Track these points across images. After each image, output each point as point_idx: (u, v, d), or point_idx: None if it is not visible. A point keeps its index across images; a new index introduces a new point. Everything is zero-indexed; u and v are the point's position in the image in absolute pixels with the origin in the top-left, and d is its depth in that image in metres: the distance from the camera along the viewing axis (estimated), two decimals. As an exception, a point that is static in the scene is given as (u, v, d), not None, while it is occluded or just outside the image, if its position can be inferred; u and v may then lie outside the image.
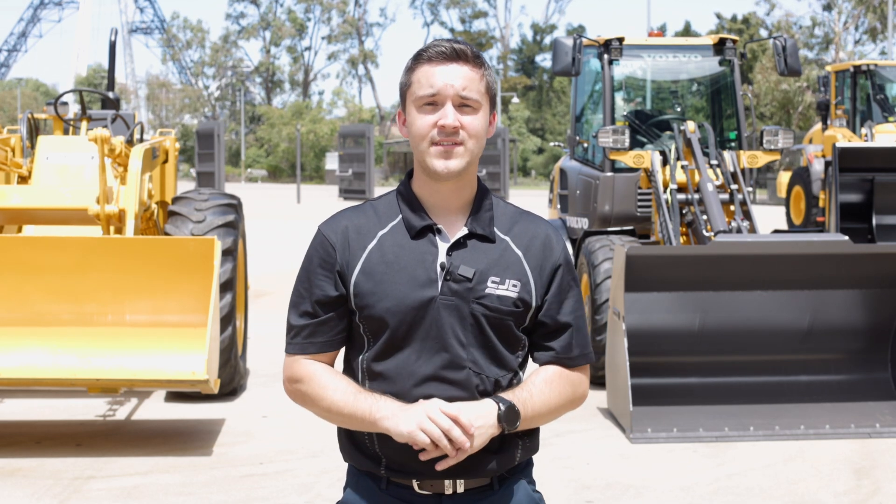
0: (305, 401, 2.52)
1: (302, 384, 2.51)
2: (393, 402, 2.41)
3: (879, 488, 6.14)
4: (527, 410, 2.44)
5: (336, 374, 2.50)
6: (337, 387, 2.46)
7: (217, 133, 31.70)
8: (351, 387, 2.46)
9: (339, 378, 2.49)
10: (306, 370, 2.50)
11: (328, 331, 2.50)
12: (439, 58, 2.44)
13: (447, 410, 2.35)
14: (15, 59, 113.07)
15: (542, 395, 2.49)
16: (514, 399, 2.43)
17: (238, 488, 6.08)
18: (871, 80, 21.08)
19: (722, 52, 10.07)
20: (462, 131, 2.42)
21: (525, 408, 2.44)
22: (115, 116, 8.66)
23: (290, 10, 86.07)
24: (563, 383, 2.53)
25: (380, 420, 2.39)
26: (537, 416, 2.49)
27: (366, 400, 2.42)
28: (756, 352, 7.55)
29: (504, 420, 2.40)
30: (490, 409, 2.40)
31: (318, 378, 2.48)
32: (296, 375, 2.52)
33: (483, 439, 2.38)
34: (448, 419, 2.34)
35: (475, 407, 2.39)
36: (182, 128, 73.91)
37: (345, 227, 2.50)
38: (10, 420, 7.64)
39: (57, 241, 7.01)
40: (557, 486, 6.07)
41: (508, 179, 42.59)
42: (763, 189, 38.42)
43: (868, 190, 11.28)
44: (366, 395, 2.43)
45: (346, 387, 2.46)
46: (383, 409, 2.39)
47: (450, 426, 2.34)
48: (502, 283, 2.45)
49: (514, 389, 2.47)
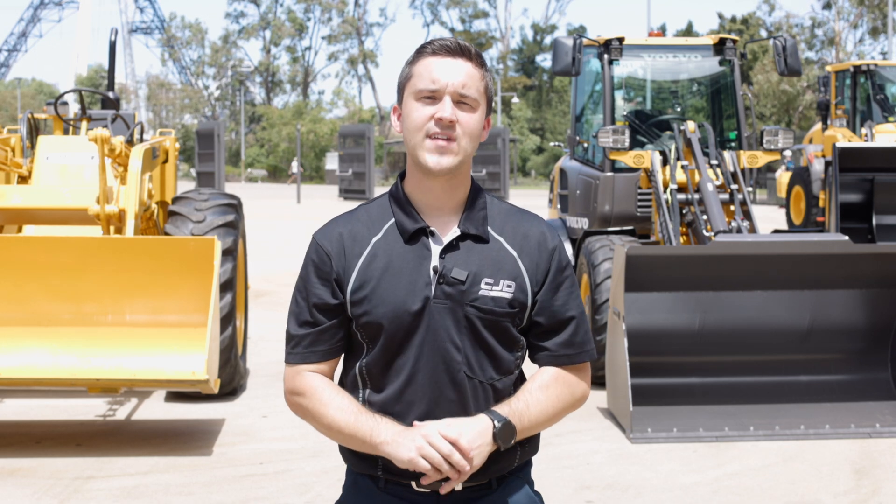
0: (306, 415, 2.52)
1: (304, 398, 2.49)
2: (393, 425, 2.40)
3: (879, 488, 6.14)
4: (523, 422, 2.44)
5: (338, 391, 2.49)
6: (340, 405, 2.44)
7: (217, 133, 31.73)
8: (352, 406, 2.44)
9: (341, 396, 2.47)
10: (308, 385, 2.48)
11: (329, 339, 2.49)
12: (443, 52, 2.44)
13: (447, 434, 2.34)
14: (15, 59, 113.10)
15: (539, 405, 2.47)
16: (511, 412, 2.42)
17: (238, 488, 6.08)
18: (871, 80, 21.08)
19: (722, 52, 10.07)
20: (458, 127, 2.41)
21: (521, 420, 2.43)
22: (115, 116, 8.66)
23: (290, 9, 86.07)
24: (560, 387, 2.51)
25: (380, 445, 2.39)
26: (535, 425, 2.48)
27: (367, 422, 2.41)
28: (756, 352, 7.55)
29: (499, 438, 2.39)
30: (486, 427, 2.39)
31: (320, 394, 2.47)
32: (297, 389, 2.51)
33: (481, 458, 2.38)
34: (448, 444, 2.34)
35: (471, 426, 2.38)
36: (182, 128, 73.91)
37: (339, 235, 2.49)
38: (10, 420, 7.64)
39: (57, 241, 7.01)
40: (557, 486, 6.07)
41: (508, 179, 42.57)
42: (763, 189, 38.42)
43: (868, 190, 11.28)
44: (367, 417, 2.42)
45: (347, 405, 2.44)
46: (384, 433, 2.38)
47: (450, 451, 2.33)
48: (496, 285, 2.44)
49: (510, 400, 2.45)
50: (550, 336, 2.51)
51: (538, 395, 2.48)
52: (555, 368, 2.52)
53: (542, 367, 2.54)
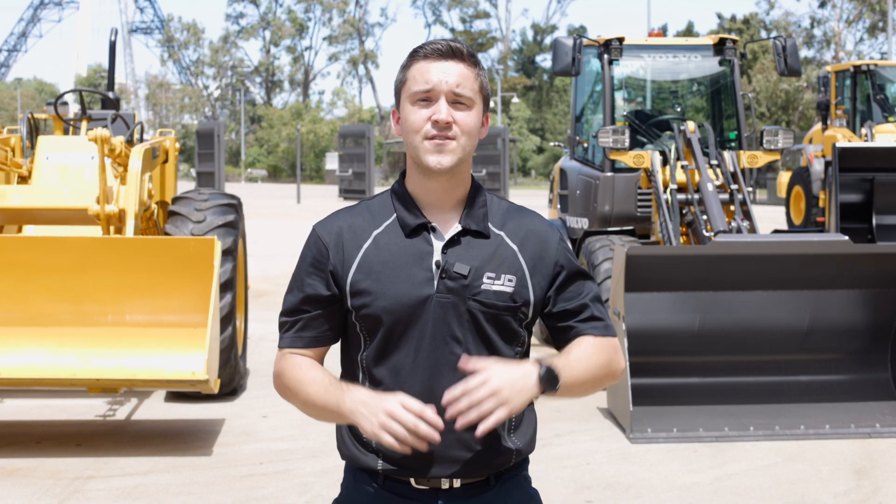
0: (287, 395, 2.53)
1: (283, 377, 2.52)
2: (360, 393, 2.37)
3: (879, 488, 6.14)
4: (565, 377, 2.40)
5: (314, 365, 2.50)
6: (313, 378, 2.46)
7: (217, 133, 31.73)
8: (325, 378, 2.45)
9: (316, 369, 2.48)
10: (288, 363, 2.51)
11: (317, 326, 2.51)
12: (435, 55, 2.46)
13: (410, 406, 2.31)
14: (15, 59, 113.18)
15: (581, 362, 2.45)
16: (553, 364, 2.39)
17: (238, 488, 6.08)
18: (871, 80, 21.08)
19: (722, 52, 10.07)
20: (455, 126, 2.43)
21: (564, 373, 2.40)
22: (115, 116, 8.66)
23: (290, 10, 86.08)
24: (600, 351, 2.50)
25: (348, 414, 2.37)
26: (577, 383, 2.45)
27: (334, 392, 2.41)
28: (756, 352, 7.55)
29: (544, 381, 2.35)
30: (530, 371, 2.35)
31: (296, 371, 2.49)
32: (278, 369, 2.54)
33: (522, 401, 2.33)
34: (412, 416, 2.29)
35: (513, 369, 2.34)
36: (182, 128, 73.91)
37: (339, 228, 2.50)
38: (10, 420, 7.64)
39: (57, 241, 7.01)
40: (557, 486, 6.07)
41: (508, 179, 42.58)
42: (763, 189, 38.42)
43: (868, 190, 11.28)
44: (335, 387, 2.42)
45: (321, 378, 2.45)
46: (348, 402, 2.37)
47: (415, 423, 2.29)
48: (498, 279, 2.45)
49: (553, 357, 2.43)
50: (576, 315, 2.51)
51: (579, 354, 2.47)
52: (592, 337, 2.52)
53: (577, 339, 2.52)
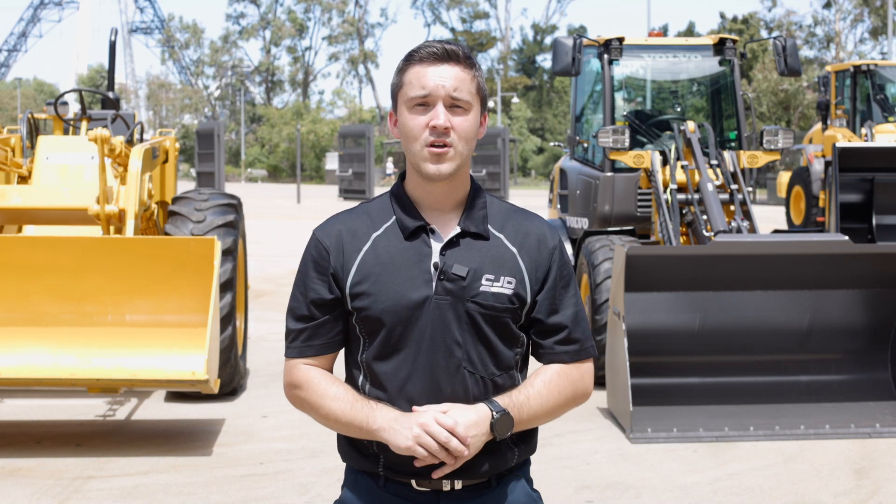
0: (305, 407, 2.54)
1: (301, 391, 2.52)
2: (390, 411, 2.41)
3: (879, 488, 6.14)
4: (522, 415, 2.45)
5: (335, 381, 2.51)
6: (335, 394, 2.47)
7: (217, 133, 31.72)
8: (349, 395, 2.46)
9: (338, 385, 2.49)
10: (305, 376, 2.51)
11: (325, 333, 2.51)
12: (430, 58, 2.44)
13: (443, 422, 2.36)
14: (15, 59, 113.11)
15: (540, 398, 2.48)
16: (510, 404, 2.43)
17: (238, 488, 6.08)
18: (871, 80, 21.08)
19: (722, 52, 10.07)
20: (452, 133, 2.43)
21: (520, 412, 2.44)
22: (115, 116, 8.65)
23: (290, 10, 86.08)
24: (562, 382, 2.52)
25: (377, 432, 2.40)
26: (534, 418, 2.49)
27: (362, 409, 2.43)
28: (756, 352, 7.55)
29: (496, 429, 2.40)
30: (484, 417, 2.40)
31: (317, 385, 2.49)
32: (295, 381, 2.53)
33: (476, 447, 2.40)
34: (445, 431, 2.35)
35: (469, 413, 2.39)
36: (182, 128, 73.90)
37: (339, 231, 2.51)
38: (10, 420, 7.64)
39: (57, 241, 7.01)
40: (557, 486, 6.07)
41: (508, 179, 42.58)
42: (763, 189, 38.41)
43: (868, 190, 11.28)
44: (363, 404, 2.44)
45: (343, 394, 2.46)
46: (380, 419, 2.40)
47: (447, 438, 2.35)
48: (497, 281, 2.46)
49: (511, 392, 2.47)
50: (552, 334, 2.53)
51: (539, 388, 2.49)
52: (558, 365, 2.54)
53: (545, 364, 2.55)
